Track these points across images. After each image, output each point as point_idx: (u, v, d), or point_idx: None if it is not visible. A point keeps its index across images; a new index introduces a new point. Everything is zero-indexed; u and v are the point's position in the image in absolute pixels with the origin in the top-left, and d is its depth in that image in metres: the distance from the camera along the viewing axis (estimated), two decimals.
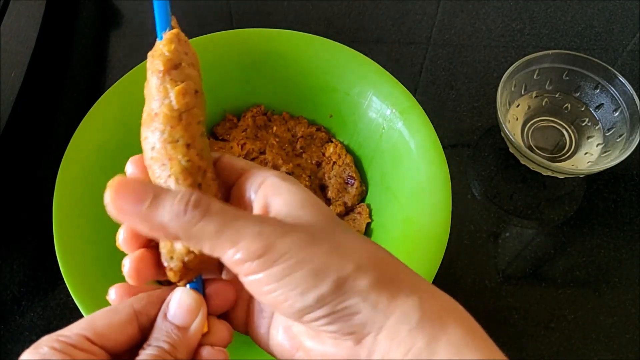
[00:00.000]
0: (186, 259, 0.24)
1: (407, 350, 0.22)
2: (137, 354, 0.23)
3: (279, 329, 0.26)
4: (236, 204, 0.26)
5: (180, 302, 0.25)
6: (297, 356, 0.25)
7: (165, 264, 0.24)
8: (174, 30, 0.25)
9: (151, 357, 0.23)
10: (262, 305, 0.27)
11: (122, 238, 0.25)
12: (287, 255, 0.21)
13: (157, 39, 0.25)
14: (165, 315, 0.24)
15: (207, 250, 0.22)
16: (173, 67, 0.25)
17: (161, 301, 0.25)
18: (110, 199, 0.22)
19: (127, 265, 0.25)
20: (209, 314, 0.25)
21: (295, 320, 0.23)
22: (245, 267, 0.22)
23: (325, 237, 0.23)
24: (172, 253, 0.24)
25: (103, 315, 0.24)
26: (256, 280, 0.22)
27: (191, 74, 0.25)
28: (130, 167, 0.26)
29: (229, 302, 0.26)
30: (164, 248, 0.24)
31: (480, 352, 0.22)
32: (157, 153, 0.24)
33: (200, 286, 0.26)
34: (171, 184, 0.24)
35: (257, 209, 0.25)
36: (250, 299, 0.27)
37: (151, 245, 0.25)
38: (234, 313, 0.27)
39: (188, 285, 0.25)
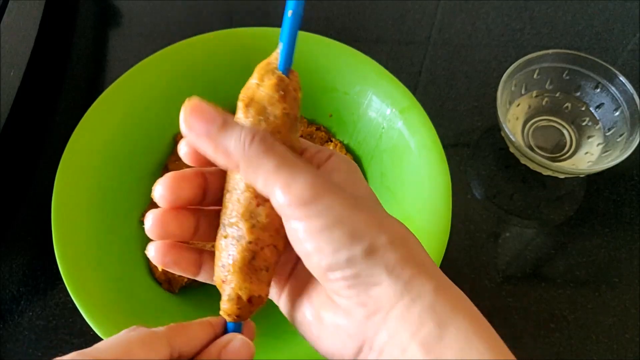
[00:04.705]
0: (228, 299, 0.25)
1: (415, 331, 0.22)
2: None
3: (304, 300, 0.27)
4: None
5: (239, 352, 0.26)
6: (313, 326, 0.26)
7: (224, 306, 0.26)
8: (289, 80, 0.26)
9: None
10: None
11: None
12: (330, 211, 0.23)
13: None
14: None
15: (260, 184, 0.23)
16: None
17: (197, 341, 0.25)
18: (184, 117, 0.23)
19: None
20: None
21: (319, 276, 0.24)
22: (290, 211, 0.23)
23: (367, 208, 0.24)
24: (233, 295, 0.25)
25: (139, 347, 0.23)
26: (296, 227, 0.23)
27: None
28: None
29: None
30: (226, 289, 0.25)
31: (488, 344, 0.22)
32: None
33: (239, 327, 0.27)
34: None
35: None
36: (294, 266, 0.28)
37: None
38: (278, 270, 0.28)
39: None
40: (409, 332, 0.22)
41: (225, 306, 0.26)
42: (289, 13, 0.25)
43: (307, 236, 0.23)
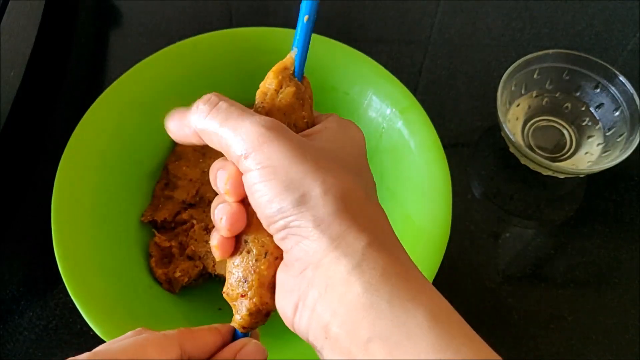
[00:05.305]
0: (248, 313, 0.26)
1: (343, 293, 0.22)
2: None
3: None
4: None
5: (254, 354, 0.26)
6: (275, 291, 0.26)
7: (242, 319, 0.26)
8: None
9: None
10: None
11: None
12: (269, 160, 0.22)
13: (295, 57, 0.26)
14: None
15: (217, 144, 0.24)
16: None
17: (206, 346, 0.25)
18: (165, 124, 0.27)
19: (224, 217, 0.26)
20: None
21: (266, 228, 0.24)
22: (241, 164, 0.23)
23: (317, 158, 0.23)
24: (253, 309, 0.26)
25: (153, 348, 0.24)
26: (245, 180, 0.23)
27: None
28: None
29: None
30: (244, 303, 0.26)
31: (428, 310, 0.21)
32: None
33: (248, 334, 0.27)
34: None
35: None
36: None
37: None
38: None
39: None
40: (337, 293, 0.22)
41: (243, 320, 0.26)
42: (305, 18, 0.25)
43: (250, 187, 0.23)
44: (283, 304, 0.24)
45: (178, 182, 0.47)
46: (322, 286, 0.22)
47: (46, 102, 0.56)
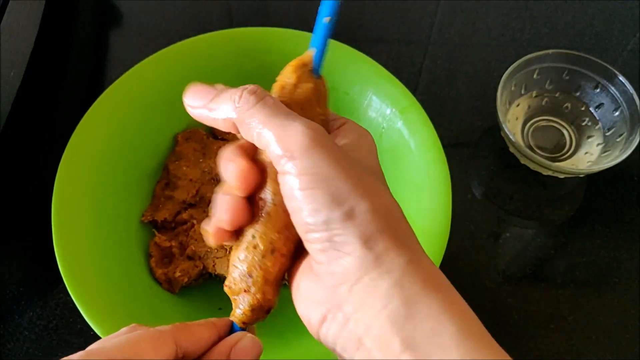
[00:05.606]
0: (250, 308, 0.26)
1: (381, 308, 0.22)
2: None
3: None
4: None
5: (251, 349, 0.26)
6: (293, 291, 0.26)
7: (242, 314, 0.26)
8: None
9: None
10: None
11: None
12: (316, 168, 0.22)
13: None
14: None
15: (254, 138, 0.23)
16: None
17: (202, 341, 0.25)
18: (185, 97, 0.25)
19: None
20: None
21: (302, 235, 0.23)
22: (280, 164, 0.23)
23: (357, 172, 0.23)
24: (256, 305, 0.26)
25: (148, 345, 0.23)
26: (285, 181, 0.23)
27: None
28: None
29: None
30: (246, 298, 0.26)
31: (460, 324, 0.21)
32: None
33: (245, 328, 0.27)
34: None
35: None
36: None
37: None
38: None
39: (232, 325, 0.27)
40: (374, 309, 0.22)
41: (244, 315, 0.26)
42: (325, 19, 0.25)
43: (292, 192, 0.23)
44: (309, 313, 0.24)
45: (178, 182, 0.47)
46: (358, 302, 0.22)
47: (46, 102, 0.56)
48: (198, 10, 0.63)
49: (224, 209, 0.25)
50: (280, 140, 0.22)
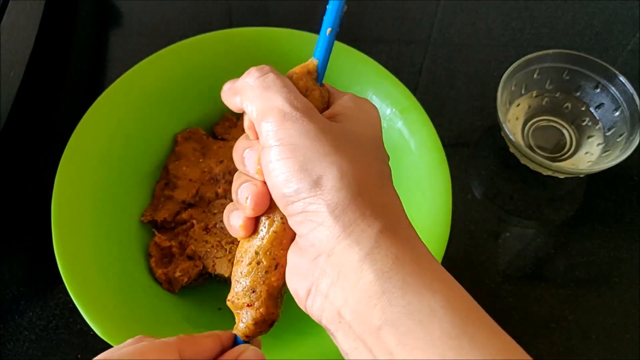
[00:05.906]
0: (253, 322, 0.26)
1: (355, 280, 0.21)
2: None
3: None
4: None
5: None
6: (286, 270, 0.26)
7: (246, 328, 0.26)
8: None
9: None
10: None
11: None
12: (289, 138, 0.22)
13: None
14: None
15: (245, 108, 0.25)
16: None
17: (206, 352, 0.25)
18: (222, 95, 0.27)
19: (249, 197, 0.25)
20: None
21: (283, 210, 0.24)
22: (261, 138, 0.23)
23: (340, 142, 0.23)
24: (259, 319, 0.26)
25: (153, 355, 0.24)
26: (263, 156, 0.23)
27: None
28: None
29: None
30: (250, 313, 0.26)
31: (444, 296, 0.21)
32: None
33: (249, 340, 0.28)
34: None
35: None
36: None
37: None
38: None
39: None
40: (350, 282, 0.21)
41: (247, 328, 0.26)
42: (327, 31, 0.27)
43: (268, 165, 0.23)
44: (296, 287, 0.24)
45: (178, 182, 0.47)
46: (334, 274, 0.22)
47: (46, 102, 0.56)
48: (198, 10, 0.63)
49: (246, 195, 0.25)
50: (261, 113, 0.23)
